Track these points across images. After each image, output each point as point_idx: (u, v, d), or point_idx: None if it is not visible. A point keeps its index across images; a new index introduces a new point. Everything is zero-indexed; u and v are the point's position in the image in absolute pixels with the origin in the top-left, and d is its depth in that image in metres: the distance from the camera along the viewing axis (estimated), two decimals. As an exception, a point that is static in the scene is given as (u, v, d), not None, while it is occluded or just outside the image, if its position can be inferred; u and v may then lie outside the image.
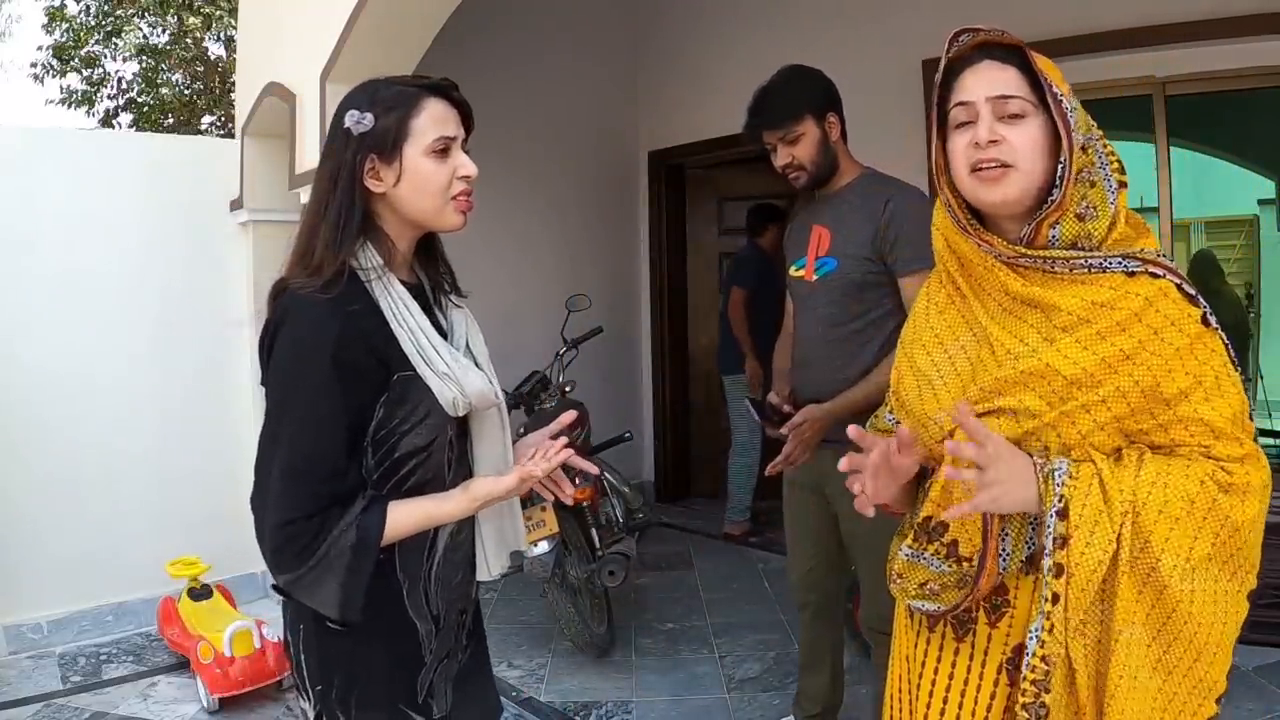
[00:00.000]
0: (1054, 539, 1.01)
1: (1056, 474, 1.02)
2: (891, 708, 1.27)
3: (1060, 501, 1.01)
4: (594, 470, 1.41)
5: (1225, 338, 1.07)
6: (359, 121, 1.15)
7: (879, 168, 2.18)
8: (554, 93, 4.53)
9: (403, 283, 1.20)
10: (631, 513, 3.48)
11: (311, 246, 1.16)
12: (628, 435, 3.44)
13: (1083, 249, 1.08)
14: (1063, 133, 1.06)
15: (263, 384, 1.18)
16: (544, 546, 2.84)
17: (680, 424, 5.19)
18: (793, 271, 2.19)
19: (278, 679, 2.85)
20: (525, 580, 3.06)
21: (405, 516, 1.16)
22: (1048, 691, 1.03)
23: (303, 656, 1.23)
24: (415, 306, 1.19)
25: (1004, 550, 1.08)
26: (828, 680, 2.37)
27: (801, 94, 2.04)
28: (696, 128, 4.67)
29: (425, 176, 1.17)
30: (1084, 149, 1.07)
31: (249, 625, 2.85)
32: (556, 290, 4.14)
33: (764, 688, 2.87)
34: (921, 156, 3.57)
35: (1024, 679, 1.05)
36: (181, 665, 3.08)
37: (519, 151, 4.30)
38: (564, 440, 1.28)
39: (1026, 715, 1.04)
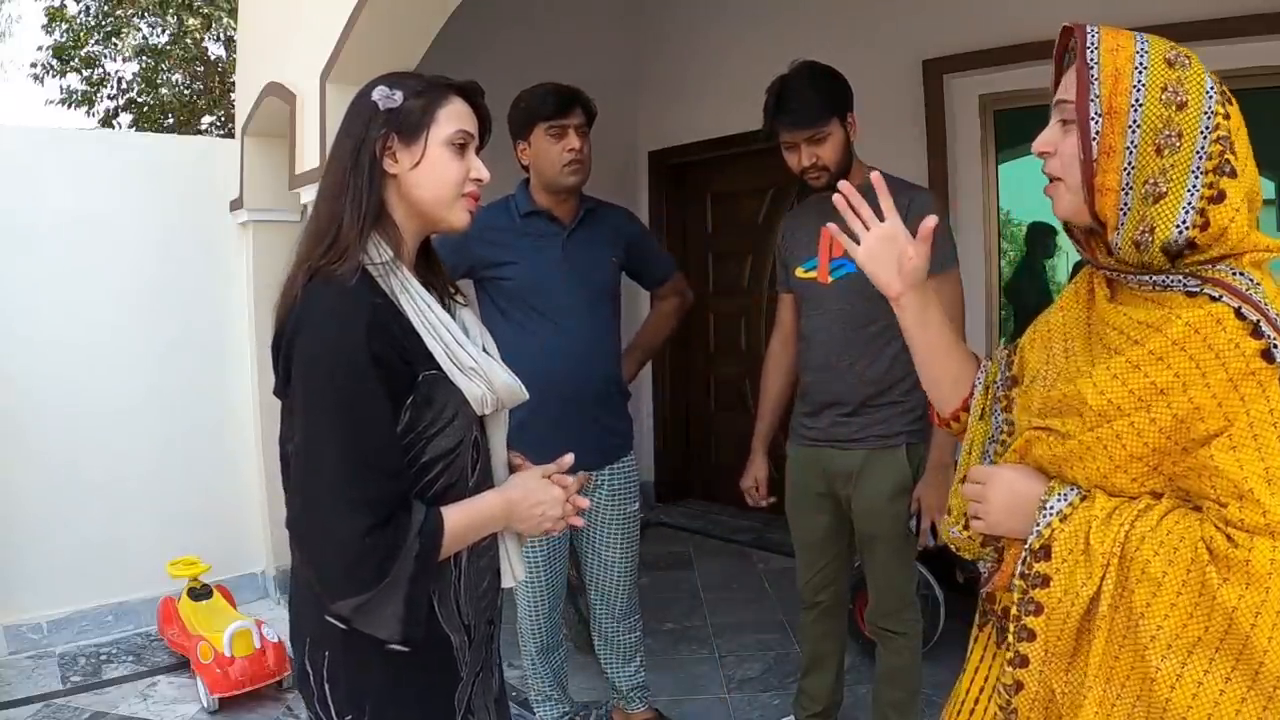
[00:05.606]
0: (1031, 576, 0.98)
1: (1045, 512, 0.98)
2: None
3: (1040, 540, 0.98)
4: (580, 524, 1.29)
5: None
6: (389, 97, 1.13)
7: (879, 168, 2.18)
8: (554, 93, 4.53)
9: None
10: (631, 513, 3.46)
11: (332, 228, 1.11)
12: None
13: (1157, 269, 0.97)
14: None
15: (276, 393, 1.12)
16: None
17: (680, 424, 5.19)
18: (801, 273, 2.17)
19: (278, 679, 2.85)
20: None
21: (457, 525, 1.11)
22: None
23: (327, 688, 1.14)
24: (435, 301, 1.15)
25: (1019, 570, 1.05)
26: (832, 679, 2.38)
27: (828, 94, 2.01)
28: (697, 127, 4.66)
29: (444, 165, 1.15)
30: (1159, 150, 0.92)
31: (249, 625, 2.85)
32: (556, 290, 4.13)
33: (764, 688, 2.87)
34: (921, 157, 3.60)
35: (998, 707, 1.05)
36: (181, 665, 3.08)
37: (519, 151, 4.30)
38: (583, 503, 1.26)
39: None
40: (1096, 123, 0.94)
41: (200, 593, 3.17)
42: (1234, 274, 0.92)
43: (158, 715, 2.79)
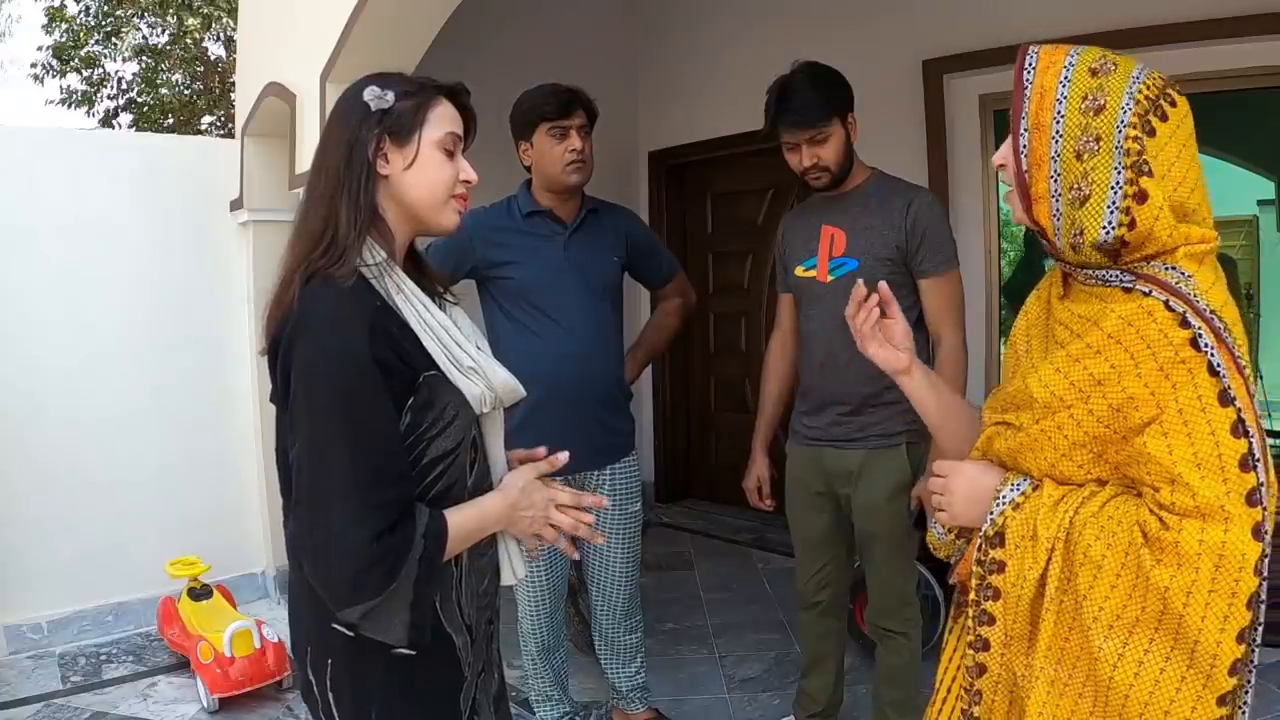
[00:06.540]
0: (988, 563, 1.04)
1: (999, 501, 1.04)
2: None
3: (994, 527, 1.04)
4: (589, 519, 1.25)
5: (1222, 369, 0.92)
6: (380, 97, 1.12)
7: (879, 168, 2.18)
8: (554, 93, 4.53)
9: None
10: (631, 513, 3.46)
11: (328, 229, 1.09)
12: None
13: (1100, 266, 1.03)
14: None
15: (273, 399, 1.11)
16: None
17: (680, 424, 5.19)
18: (800, 272, 2.18)
19: (278, 679, 2.85)
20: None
21: (460, 528, 1.10)
22: (978, 704, 1.07)
23: (331, 697, 1.13)
24: (430, 301, 1.15)
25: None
26: (832, 679, 2.38)
27: (829, 94, 2.02)
28: (697, 127, 4.66)
29: (436, 167, 1.15)
30: (1079, 156, 0.99)
31: (249, 625, 2.85)
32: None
33: (764, 688, 2.87)
34: (921, 157, 3.60)
35: (962, 689, 1.10)
36: (181, 665, 3.08)
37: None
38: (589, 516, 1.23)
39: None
40: (1024, 137, 1.02)
41: (200, 593, 3.17)
42: (1165, 269, 0.98)
43: (158, 715, 2.79)
